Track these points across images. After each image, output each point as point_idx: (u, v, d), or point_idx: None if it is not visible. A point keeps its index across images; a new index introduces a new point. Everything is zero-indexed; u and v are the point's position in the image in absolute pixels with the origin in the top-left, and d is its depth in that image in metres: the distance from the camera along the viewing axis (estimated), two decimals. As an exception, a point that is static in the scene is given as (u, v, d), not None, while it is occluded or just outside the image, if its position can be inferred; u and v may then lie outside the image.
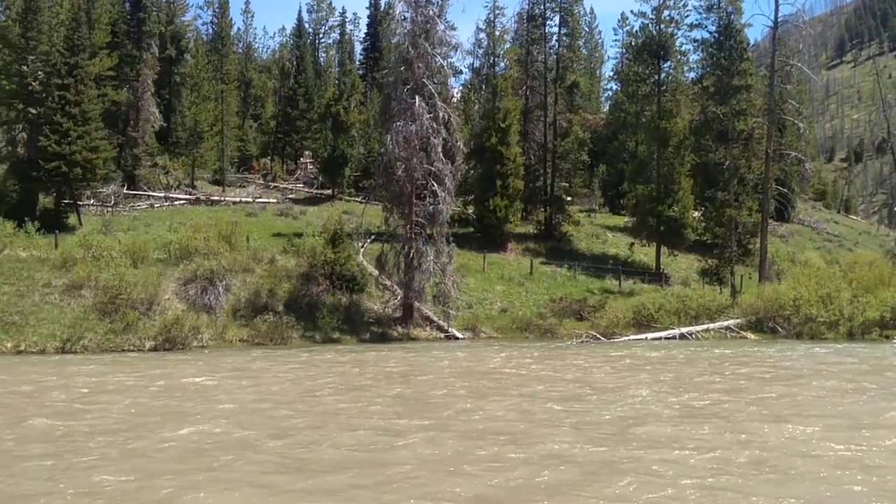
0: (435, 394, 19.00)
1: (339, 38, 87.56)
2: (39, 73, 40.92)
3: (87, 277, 30.57)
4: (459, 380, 21.59)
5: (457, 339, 33.01)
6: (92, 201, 46.95)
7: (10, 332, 27.75)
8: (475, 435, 13.91)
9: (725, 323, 35.63)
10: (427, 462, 12.04)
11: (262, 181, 64.43)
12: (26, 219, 34.82)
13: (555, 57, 53.36)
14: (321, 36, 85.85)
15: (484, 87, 56.89)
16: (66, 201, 41.74)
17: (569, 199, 53.16)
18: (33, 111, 40.62)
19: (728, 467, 11.66)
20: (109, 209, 47.13)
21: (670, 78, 49.12)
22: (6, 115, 44.10)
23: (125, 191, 50.49)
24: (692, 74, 52.10)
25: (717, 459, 12.10)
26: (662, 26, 48.05)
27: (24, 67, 41.23)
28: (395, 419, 15.47)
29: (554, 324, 35.31)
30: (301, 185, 64.04)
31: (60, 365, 24.15)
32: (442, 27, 34.69)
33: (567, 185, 52.80)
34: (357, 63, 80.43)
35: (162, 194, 53.12)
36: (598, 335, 33.03)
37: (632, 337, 33.67)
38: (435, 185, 32.96)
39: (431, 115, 32.96)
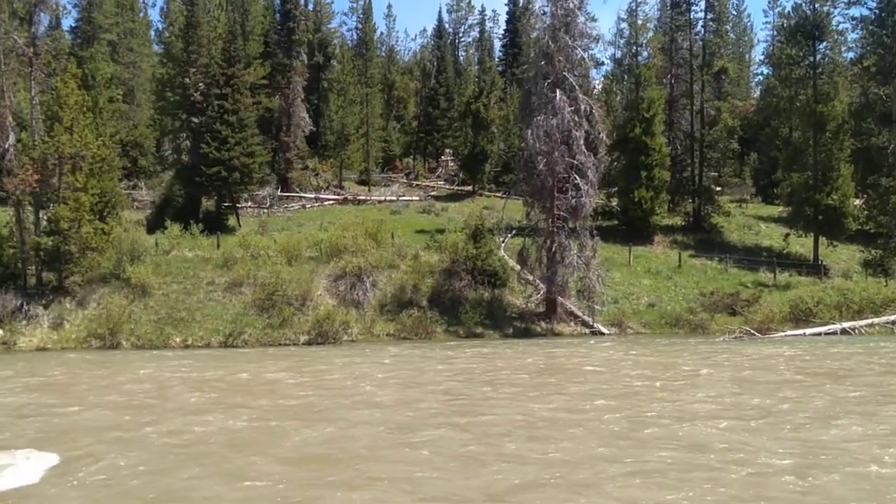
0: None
1: (478, 36, 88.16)
2: (200, 84, 43.67)
3: (247, 275, 32.34)
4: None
5: (602, 334, 32.45)
6: (249, 203, 49.55)
7: (178, 327, 29.80)
8: None
9: (893, 317, 33.13)
10: None
11: (405, 180, 65.90)
12: (191, 221, 37.20)
13: (701, 43, 51.35)
14: (461, 35, 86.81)
15: (626, 77, 55.62)
16: (226, 204, 44.26)
17: (718, 189, 51.07)
18: (195, 120, 43.40)
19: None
20: (265, 210, 49.56)
21: (826, 59, 46.16)
22: (171, 124, 47.45)
23: (279, 193, 52.96)
24: (850, 54, 48.74)
25: None
26: (817, 5, 45.19)
27: (187, 80, 44.16)
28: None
29: (705, 319, 34.03)
30: (442, 183, 64.96)
31: (259, 359, 25.69)
32: (582, 19, 34.21)
33: (716, 174, 50.75)
34: (496, 60, 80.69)
35: (312, 195, 55.35)
36: (752, 331, 31.57)
37: (789, 333, 31.94)
38: (577, 177, 32.54)
39: (573, 107, 32.56)
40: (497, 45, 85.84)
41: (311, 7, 65.17)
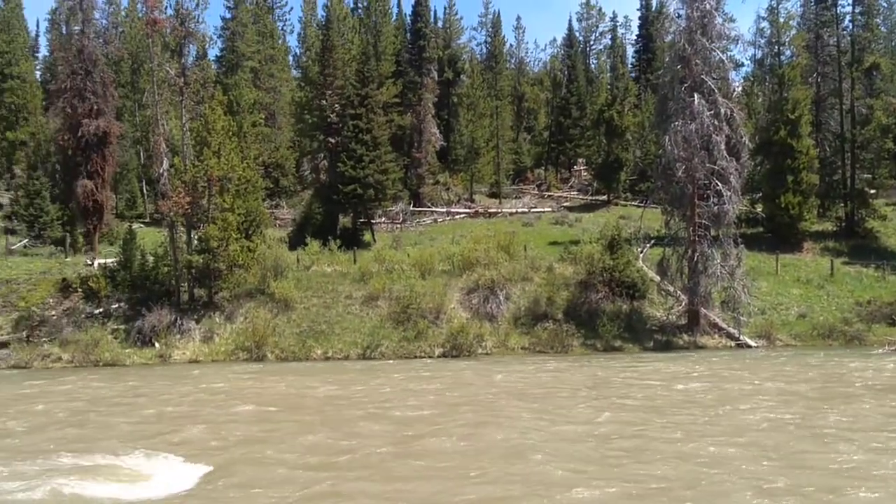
0: None
1: (610, 42, 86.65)
2: (336, 105, 45.07)
3: (382, 289, 32.92)
4: None
5: (749, 346, 30.81)
6: (383, 219, 50.60)
7: (319, 339, 30.67)
8: None
9: None
10: None
11: (536, 191, 65.47)
12: (329, 237, 38.31)
13: (849, 38, 48.20)
14: (592, 43, 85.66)
15: (768, 78, 52.99)
16: (362, 220, 45.39)
17: (873, 192, 47.58)
18: (332, 140, 44.84)
19: None
20: (398, 225, 50.45)
21: None
22: (310, 145, 49.18)
23: (411, 208, 53.81)
24: None
25: None
26: None
27: (324, 102, 45.65)
28: None
29: (861, 330, 31.69)
30: (575, 193, 64.07)
31: (399, 370, 26.15)
32: (720, 20, 32.81)
33: (870, 176, 47.30)
34: (629, 66, 79.00)
35: (444, 209, 55.90)
36: (918, 343, 29.11)
37: (961, 344, 29.25)
38: (719, 184, 31.15)
39: (712, 111, 31.24)
40: (630, 50, 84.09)
41: (440, 25, 66.17)
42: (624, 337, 31.40)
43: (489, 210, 56.19)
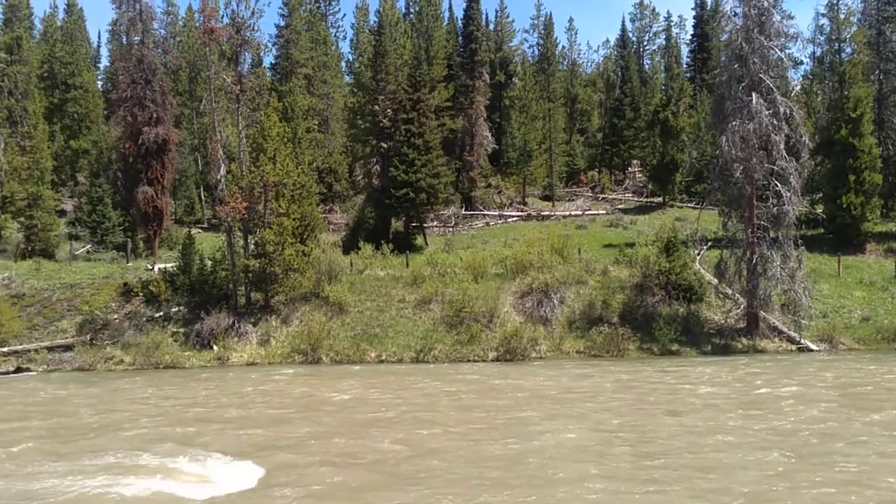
0: None
1: (664, 42, 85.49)
2: (388, 110, 45.37)
3: (435, 293, 33.00)
4: None
5: (810, 350, 30.05)
6: (435, 223, 50.74)
7: (373, 343, 30.87)
8: None
9: None
10: None
11: (590, 193, 64.92)
12: (382, 241, 38.58)
13: (913, 33, 46.77)
14: (645, 43, 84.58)
15: (828, 76, 51.63)
16: (414, 224, 45.58)
17: (940, 191, 46.06)
18: (384, 145, 45.18)
19: None
20: (450, 229, 50.53)
21: None
22: (362, 150, 49.59)
23: (463, 211, 53.81)
24: None
25: None
26: None
27: (376, 107, 46.02)
28: None
29: (930, 334, 30.68)
30: (630, 195, 63.36)
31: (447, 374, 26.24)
32: (778, 17, 32.08)
33: (937, 175, 45.74)
34: (684, 66, 77.85)
35: (496, 213, 55.81)
36: None
37: None
38: (778, 184, 30.47)
39: (770, 111, 30.59)
40: (684, 50, 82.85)
41: (491, 28, 66.10)
42: (681, 341, 30.89)
43: (542, 213, 55.90)
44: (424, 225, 46.68)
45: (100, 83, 69.11)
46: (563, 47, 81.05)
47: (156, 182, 40.38)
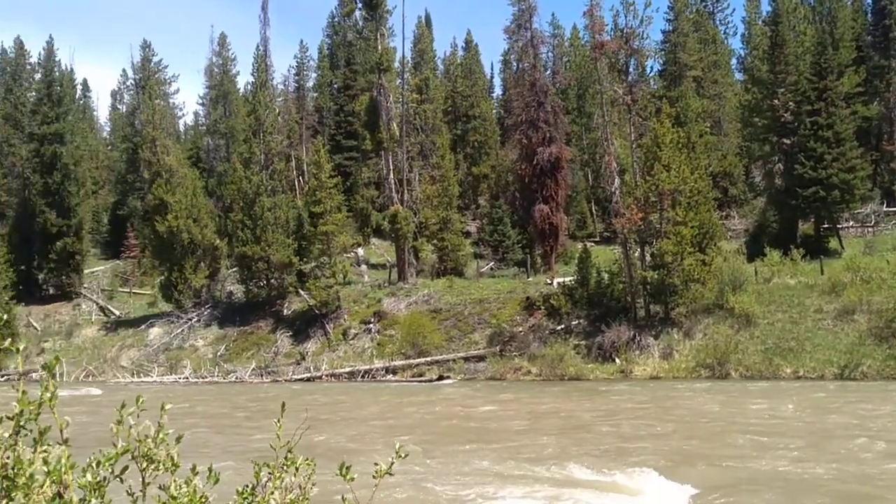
0: None
1: None
2: (789, 103, 41.67)
3: (859, 301, 29.21)
4: None
5: None
6: (850, 223, 45.34)
7: (787, 357, 28.24)
8: None
9: None
10: None
11: None
12: (789, 246, 35.30)
13: None
14: None
15: None
16: (825, 226, 41.19)
17: None
18: (786, 141, 41.54)
19: None
20: (869, 229, 44.76)
21: None
22: (760, 149, 46.24)
23: (884, 208, 47.35)
24: None
25: None
26: None
27: (775, 101, 42.56)
28: None
29: None
30: None
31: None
32: None
33: None
34: None
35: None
36: None
37: None
38: None
39: None
40: None
41: None
42: None
43: None
44: (838, 226, 41.90)
45: (494, 111, 74.14)
46: None
47: (550, 199, 41.84)
